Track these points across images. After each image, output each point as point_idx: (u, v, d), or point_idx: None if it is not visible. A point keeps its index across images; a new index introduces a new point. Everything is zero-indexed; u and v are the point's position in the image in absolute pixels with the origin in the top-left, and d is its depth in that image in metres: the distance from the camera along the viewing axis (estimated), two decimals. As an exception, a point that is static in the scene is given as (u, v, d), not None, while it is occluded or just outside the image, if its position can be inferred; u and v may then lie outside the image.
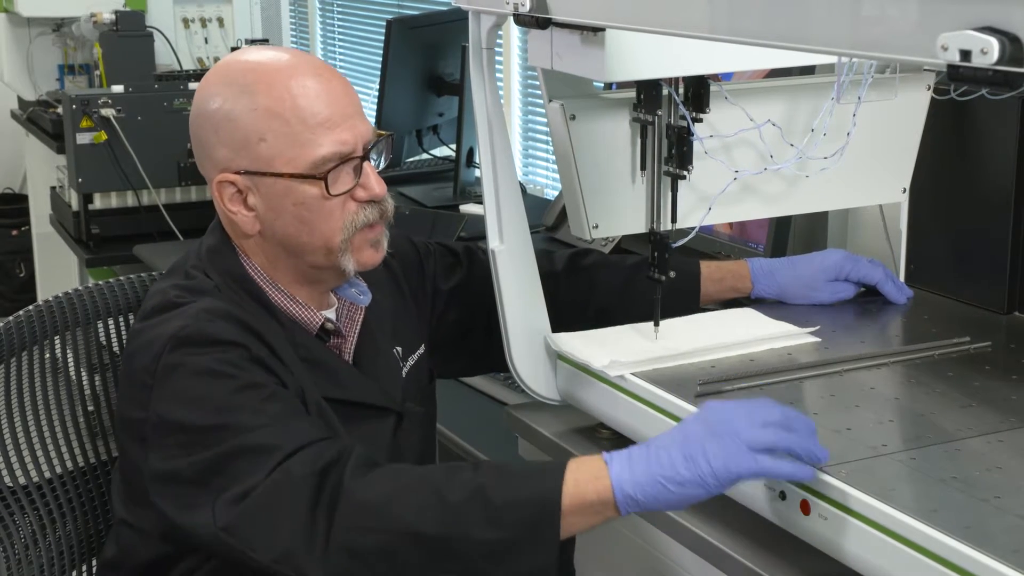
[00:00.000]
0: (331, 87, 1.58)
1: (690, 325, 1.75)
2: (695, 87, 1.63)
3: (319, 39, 5.24)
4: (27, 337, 1.72)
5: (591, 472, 1.35)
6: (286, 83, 1.55)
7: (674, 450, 1.33)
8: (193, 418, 1.46)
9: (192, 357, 1.48)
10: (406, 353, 1.75)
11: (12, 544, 1.68)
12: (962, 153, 1.87)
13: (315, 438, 1.44)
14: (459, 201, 3.37)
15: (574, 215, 1.70)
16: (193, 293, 1.57)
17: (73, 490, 1.76)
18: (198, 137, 1.61)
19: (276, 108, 1.54)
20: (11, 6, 4.54)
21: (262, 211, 1.58)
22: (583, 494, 1.34)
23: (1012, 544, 1.16)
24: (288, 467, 1.40)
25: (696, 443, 1.32)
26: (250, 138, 1.55)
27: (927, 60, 1.02)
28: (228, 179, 1.57)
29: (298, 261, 1.61)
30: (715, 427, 1.33)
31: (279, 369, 1.52)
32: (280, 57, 1.59)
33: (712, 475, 1.31)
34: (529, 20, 1.50)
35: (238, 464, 1.42)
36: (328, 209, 1.57)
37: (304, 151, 1.54)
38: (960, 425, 1.44)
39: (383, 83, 3.36)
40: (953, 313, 1.84)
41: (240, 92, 1.56)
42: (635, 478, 1.33)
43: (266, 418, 1.45)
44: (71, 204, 3.54)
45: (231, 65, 1.60)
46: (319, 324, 1.62)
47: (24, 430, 1.72)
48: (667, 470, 1.32)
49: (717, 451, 1.31)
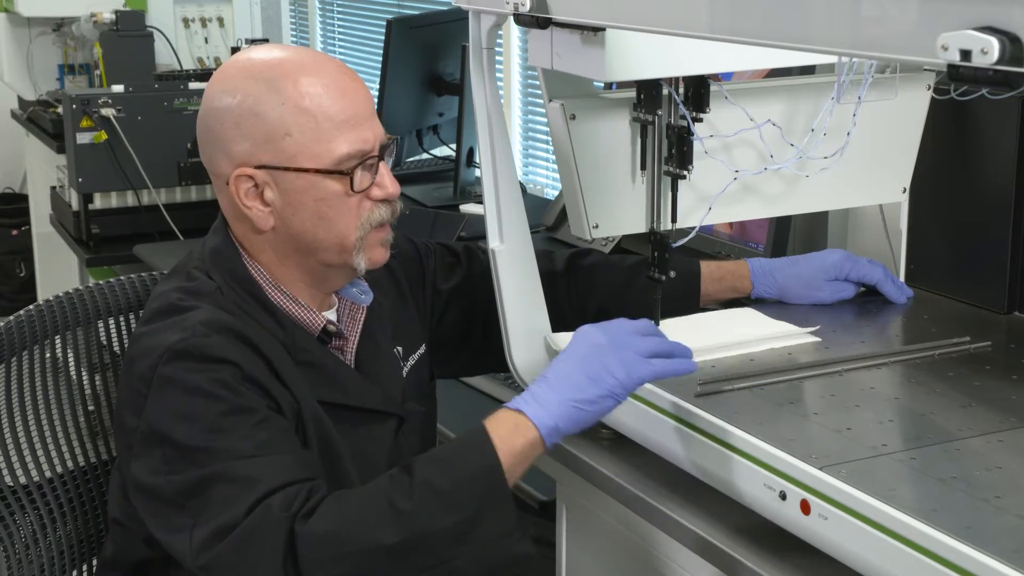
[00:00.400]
0: (355, 87, 1.59)
1: (690, 325, 1.75)
2: (695, 87, 1.63)
3: (319, 39, 5.24)
4: (27, 337, 1.72)
5: (510, 424, 1.45)
6: (312, 80, 1.56)
7: (576, 374, 1.46)
8: (180, 435, 1.46)
9: (186, 373, 1.48)
10: (407, 353, 1.76)
11: (12, 544, 1.68)
12: (962, 153, 1.87)
13: (297, 478, 1.44)
14: (459, 201, 3.37)
15: (574, 215, 1.70)
16: (195, 295, 1.57)
17: (73, 490, 1.76)
18: (212, 131, 1.60)
19: (303, 104, 1.55)
20: (11, 6, 4.54)
21: (279, 206, 1.58)
22: (513, 446, 1.44)
23: (1012, 544, 1.16)
24: (267, 506, 1.41)
25: (595, 361, 1.45)
26: (275, 133, 1.55)
27: (927, 60, 1.02)
28: (247, 173, 1.57)
29: (308, 259, 1.61)
30: (607, 343, 1.47)
31: (274, 387, 1.52)
32: (303, 55, 1.60)
33: (620, 385, 1.45)
34: (529, 20, 1.51)
35: (217, 491, 1.43)
36: (348, 206, 1.58)
37: (329, 147, 1.55)
38: (960, 425, 1.44)
39: (383, 83, 3.36)
40: (953, 313, 1.84)
41: (266, 87, 1.55)
42: (550, 411, 1.45)
43: (252, 447, 1.45)
44: (71, 204, 3.54)
45: (253, 61, 1.60)
46: (321, 326, 1.62)
47: (24, 430, 1.72)
48: (576, 392, 1.45)
49: (617, 364, 1.45)
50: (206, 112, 1.61)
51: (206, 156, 1.63)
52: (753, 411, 1.47)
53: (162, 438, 1.47)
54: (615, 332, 1.49)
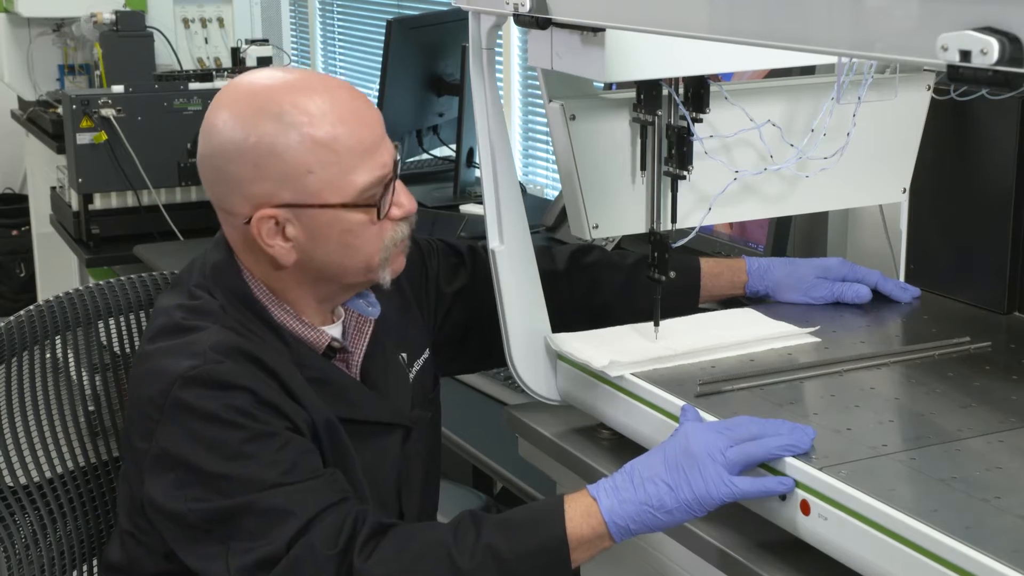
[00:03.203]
0: (367, 109, 1.56)
1: (690, 325, 1.75)
2: (695, 87, 1.63)
3: (319, 39, 5.24)
4: (27, 337, 1.72)
5: (582, 509, 1.42)
6: (326, 110, 1.52)
7: (659, 480, 1.39)
8: (199, 461, 1.46)
9: (200, 401, 1.47)
10: (411, 358, 1.75)
11: (13, 544, 1.68)
12: (962, 153, 1.87)
13: (330, 501, 1.45)
14: (459, 201, 3.37)
15: (574, 215, 1.70)
16: (198, 315, 1.55)
17: (73, 490, 1.76)
18: (224, 171, 1.54)
19: (323, 139, 1.51)
20: (11, 6, 4.54)
21: (302, 242, 1.54)
22: (580, 532, 1.41)
23: (1012, 544, 1.16)
24: (311, 542, 1.41)
25: (677, 472, 1.39)
26: (297, 171, 1.51)
27: (927, 60, 1.02)
28: (269, 214, 1.53)
29: (330, 285, 1.60)
30: (694, 453, 1.38)
31: (288, 407, 1.51)
32: (311, 80, 1.56)
33: (696, 501, 1.38)
34: (529, 20, 1.50)
35: (250, 522, 1.43)
36: (373, 232, 1.56)
37: (351, 179, 1.53)
38: (960, 425, 1.44)
39: (383, 83, 3.36)
40: (953, 313, 1.84)
41: (280, 123, 1.50)
42: (624, 510, 1.40)
43: (278, 473, 1.45)
44: (71, 204, 3.54)
45: (259, 94, 1.53)
46: (325, 344, 1.61)
47: (24, 430, 1.72)
48: (654, 500, 1.39)
49: (698, 480, 1.37)
50: (214, 151, 1.55)
51: (217, 196, 1.58)
52: (753, 411, 1.47)
53: (177, 461, 1.47)
54: (707, 437, 1.39)
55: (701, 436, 1.39)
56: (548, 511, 1.43)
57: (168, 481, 1.48)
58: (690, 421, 1.44)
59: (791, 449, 1.35)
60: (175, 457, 1.47)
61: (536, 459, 1.78)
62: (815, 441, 1.37)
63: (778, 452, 1.35)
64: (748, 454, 1.37)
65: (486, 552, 1.40)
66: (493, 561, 1.40)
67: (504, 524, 1.44)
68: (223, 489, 1.45)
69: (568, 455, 1.68)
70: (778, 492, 1.35)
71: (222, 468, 1.45)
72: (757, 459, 1.37)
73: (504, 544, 1.41)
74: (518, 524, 1.44)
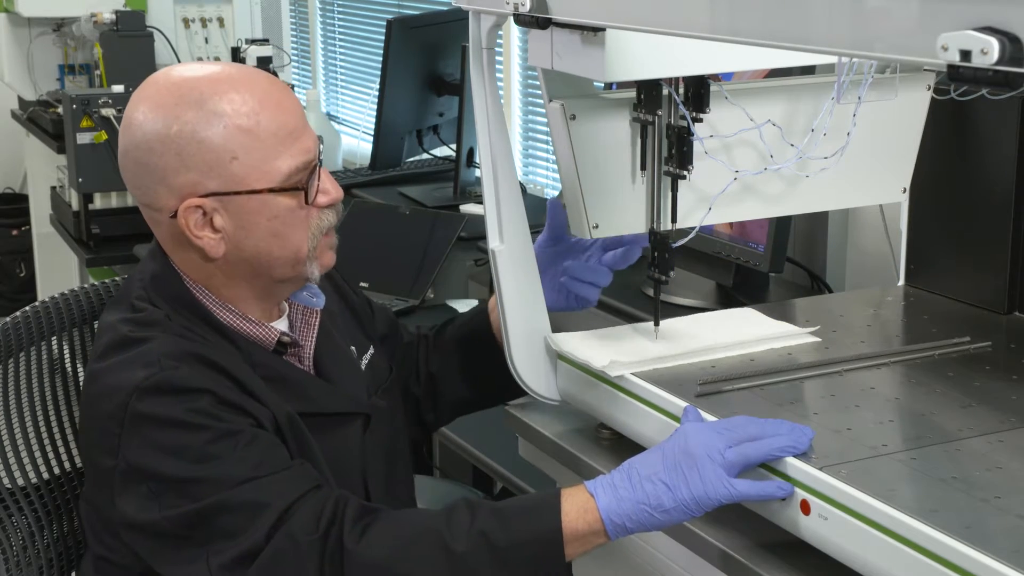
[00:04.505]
0: (287, 96, 1.57)
1: (690, 325, 1.75)
2: (695, 87, 1.63)
3: (319, 39, 5.24)
4: (27, 337, 1.72)
5: (579, 504, 1.42)
6: (248, 97, 1.52)
7: (657, 479, 1.39)
8: (166, 469, 1.45)
9: (162, 408, 1.46)
10: (360, 352, 1.75)
11: (11, 545, 1.68)
12: (962, 153, 1.87)
13: (303, 489, 1.45)
14: (459, 201, 3.37)
15: (574, 215, 1.70)
16: (144, 326, 1.54)
17: (71, 491, 1.76)
18: (148, 165, 1.53)
19: (245, 124, 1.51)
20: (11, 6, 4.54)
21: (231, 231, 1.54)
22: (575, 526, 1.41)
23: (1012, 544, 1.16)
24: (290, 531, 1.42)
25: (676, 472, 1.38)
26: (221, 158, 1.51)
27: (927, 60, 1.02)
28: (195, 204, 1.53)
29: (260, 278, 1.59)
30: (693, 453, 1.38)
31: (249, 404, 1.51)
32: (230, 70, 1.56)
33: (694, 501, 1.38)
34: (529, 20, 1.50)
35: (225, 519, 1.43)
36: (301, 219, 1.56)
37: (276, 164, 1.53)
38: (960, 425, 1.44)
39: (383, 83, 3.37)
40: (953, 313, 1.84)
41: (202, 110, 1.51)
42: (621, 507, 1.40)
43: (247, 469, 1.45)
44: (71, 204, 3.54)
45: (178, 85, 1.54)
46: (275, 340, 1.61)
47: (23, 430, 1.72)
48: (651, 499, 1.39)
49: (696, 480, 1.37)
50: (135, 144, 1.54)
51: (141, 192, 1.57)
52: (753, 411, 1.47)
53: (146, 474, 1.46)
54: (708, 438, 1.39)
55: (700, 436, 1.39)
56: (545, 503, 1.43)
57: (140, 494, 1.47)
58: (691, 422, 1.44)
59: (790, 450, 1.35)
60: (142, 469, 1.47)
61: (536, 459, 1.78)
62: (815, 441, 1.37)
63: (777, 453, 1.35)
64: (747, 455, 1.37)
65: (480, 537, 1.40)
66: (486, 547, 1.40)
67: (500, 512, 1.44)
68: (194, 493, 1.44)
69: (568, 455, 1.68)
70: (777, 497, 1.35)
71: (191, 472, 1.44)
72: (756, 460, 1.37)
73: (498, 531, 1.41)
74: (514, 513, 1.44)
